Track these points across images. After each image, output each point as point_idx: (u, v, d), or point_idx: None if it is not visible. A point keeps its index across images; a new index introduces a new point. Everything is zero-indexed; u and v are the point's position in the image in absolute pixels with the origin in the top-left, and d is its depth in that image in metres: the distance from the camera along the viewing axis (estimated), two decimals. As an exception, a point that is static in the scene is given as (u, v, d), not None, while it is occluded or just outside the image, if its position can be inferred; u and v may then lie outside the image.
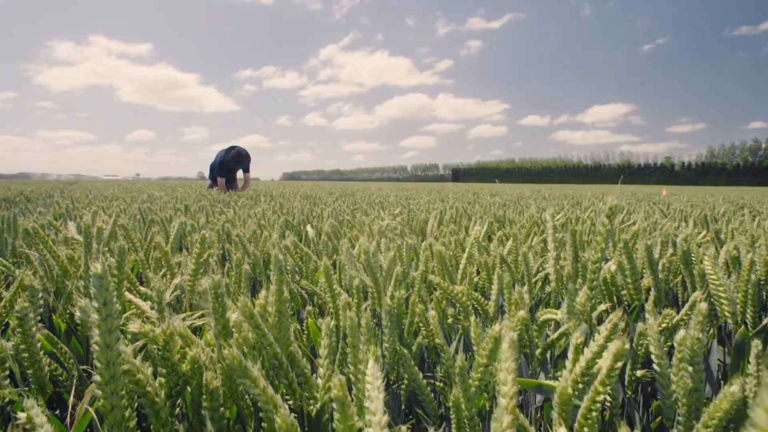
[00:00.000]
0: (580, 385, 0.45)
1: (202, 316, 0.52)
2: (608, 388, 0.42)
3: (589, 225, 1.63)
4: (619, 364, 0.41)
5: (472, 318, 0.53)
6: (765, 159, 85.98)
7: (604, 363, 0.42)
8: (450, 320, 0.71)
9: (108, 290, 0.28)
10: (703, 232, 1.42)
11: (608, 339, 0.47)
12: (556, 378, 0.71)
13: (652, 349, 0.52)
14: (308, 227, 1.18)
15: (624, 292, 0.82)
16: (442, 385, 0.73)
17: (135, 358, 0.32)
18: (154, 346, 0.38)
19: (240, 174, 5.42)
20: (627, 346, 0.42)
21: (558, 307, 1.11)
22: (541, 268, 1.02)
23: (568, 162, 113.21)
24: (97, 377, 0.28)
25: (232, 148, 5.11)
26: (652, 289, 0.73)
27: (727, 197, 5.85)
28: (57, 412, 0.70)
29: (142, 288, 0.72)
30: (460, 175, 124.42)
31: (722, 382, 0.77)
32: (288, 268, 0.98)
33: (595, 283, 0.57)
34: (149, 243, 1.14)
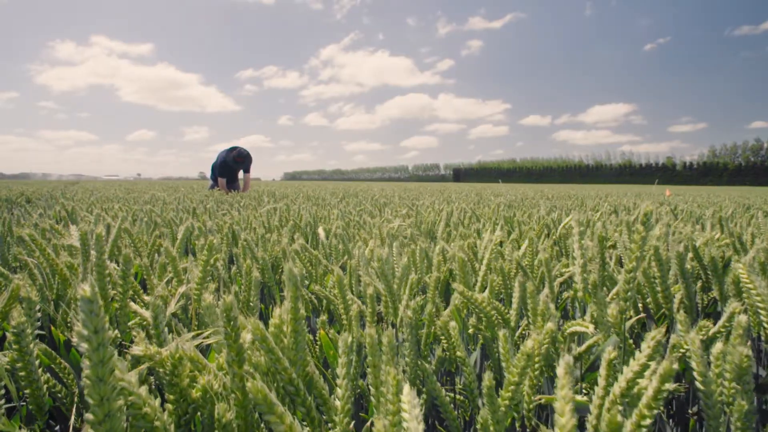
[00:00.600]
0: (620, 407, 0.42)
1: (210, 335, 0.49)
2: (654, 411, 0.38)
3: (600, 227, 1.59)
4: (667, 385, 0.37)
5: (501, 332, 0.50)
6: (767, 159, 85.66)
7: (650, 384, 0.38)
8: (471, 330, 0.67)
9: (99, 316, 0.24)
10: (718, 234, 1.38)
11: (650, 357, 0.43)
12: (582, 391, 0.67)
13: (694, 365, 0.49)
14: (320, 230, 1.15)
15: (649, 300, 0.78)
16: (462, 398, 0.69)
17: (140, 387, 0.29)
18: (161, 370, 0.35)
19: (240, 174, 5.42)
20: (675, 365, 0.38)
21: (576, 313, 1.07)
22: (559, 273, 0.99)
23: (569, 162, 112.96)
24: (89, 416, 0.24)
25: (234, 148, 5.11)
26: (684, 298, 0.70)
27: (732, 197, 5.80)
28: (57, 427, 0.67)
29: (146, 297, 0.69)
30: (461, 175, 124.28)
31: (754, 396, 0.74)
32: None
33: (630, 294, 0.54)
34: (152, 247, 1.11)
